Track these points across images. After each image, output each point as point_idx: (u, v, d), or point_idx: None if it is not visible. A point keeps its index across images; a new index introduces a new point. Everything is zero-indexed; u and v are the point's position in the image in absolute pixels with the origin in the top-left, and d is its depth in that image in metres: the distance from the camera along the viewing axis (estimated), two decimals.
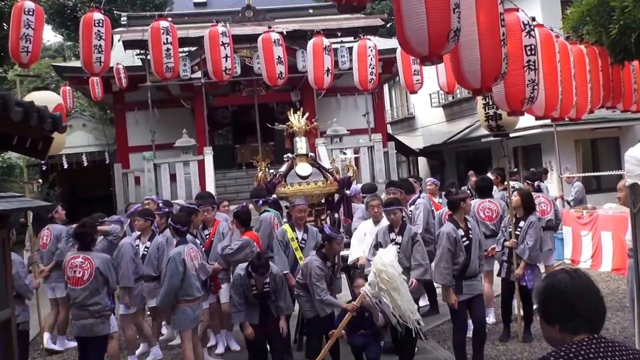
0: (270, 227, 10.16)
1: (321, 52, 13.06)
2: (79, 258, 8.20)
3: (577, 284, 2.93)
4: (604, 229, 14.61)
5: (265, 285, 8.41)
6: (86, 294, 8.09)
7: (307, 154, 11.25)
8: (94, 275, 8.10)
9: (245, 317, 8.55)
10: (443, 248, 8.35)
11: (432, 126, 32.85)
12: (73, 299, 8.20)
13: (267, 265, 8.33)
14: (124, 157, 26.03)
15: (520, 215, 9.96)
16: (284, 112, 16.38)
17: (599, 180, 23.29)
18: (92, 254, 8.32)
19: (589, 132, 23.73)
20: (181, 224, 8.89)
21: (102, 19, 10.64)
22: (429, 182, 13.64)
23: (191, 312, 8.58)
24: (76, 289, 8.13)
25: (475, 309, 8.74)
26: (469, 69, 5.72)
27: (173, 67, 11.75)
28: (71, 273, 8.15)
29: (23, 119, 4.50)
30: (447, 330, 10.57)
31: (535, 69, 6.74)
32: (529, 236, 9.70)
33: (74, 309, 8.26)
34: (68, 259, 8.31)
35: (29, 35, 9.81)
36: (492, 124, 9.56)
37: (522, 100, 6.77)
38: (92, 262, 8.14)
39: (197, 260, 8.76)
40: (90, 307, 8.10)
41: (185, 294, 8.47)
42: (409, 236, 8.86)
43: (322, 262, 8.50)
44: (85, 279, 8.09)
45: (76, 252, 8.37)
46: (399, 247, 8.77)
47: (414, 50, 5.04)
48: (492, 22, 5.66)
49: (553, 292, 2.94)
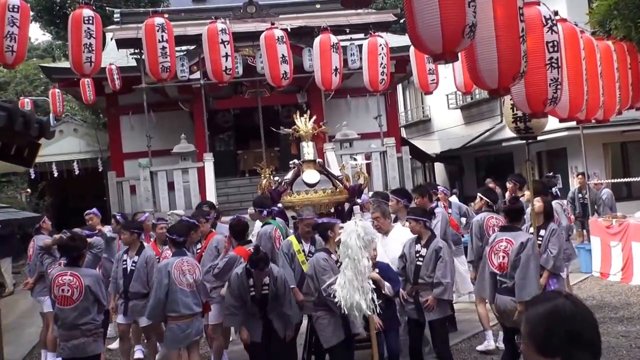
0: (272, 241, 10.00)
1: (329, 50, 13.04)
2: (66, 275, 8.10)
3: (582, 311, 2.72)
4: (635, 239, 14.51)
5: (264, 287, 8.32)
6: (76, 314, 8.01)
7: (315, 160, 11.25)
8: (84, 293, 8.02)
9: (241, 322, 8.52)
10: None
11: (450, 129, 32.84)
12: (62, 319, 8.08)
13: (267, 260, 8.27)
14: (118, 164, 26.08)
15: (540, 224, 9.90)
16: (289, 115, 16.38)
17: (630, 186, 23.24)
18: (81, 271, 8.25)
19: (618, 134, 23.66)
20: (177, 234, 8.90)
21: (92, 16, 10.64)
22: (439, 190, 13.67)
23: (178, 330, 8.57)
24: (65, 309, 8.05)
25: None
26: (486, 67, 5.70)
27: (169, 67, 11.75)
28: (59, 292, 8.04)
29: (7, 124, 4.52)
30: (466, 349, 10.58)
31: (558, 67, 6.71)
32: (552, 244, 9.66)
33: (63, 329, 8.12)
34: (54, 275, 8.18)
35: (14, 34, 9.81)
36: (520, 126, 9.43)
37: (544, 101, 6.74)
38: (81, 280, 8.04)
39: (191, 275, 8.70)
40: (82, 326, 8.03)
41: (171, 310, 8.49)
42: (433, 249, 8.81)
43: (328, 256, 8.44)
44: (74, 298, 8.00)
45: (63, 269, 8.29)
46: (422, 260, 8.77)
47: (427, 47, 5.04)
48: (510, 16, 5.64)
49: (556, 320, 2.69)
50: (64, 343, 8.16)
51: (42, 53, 48.84)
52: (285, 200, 10.87)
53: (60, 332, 8.20)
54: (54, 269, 8.61)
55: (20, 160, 5.22)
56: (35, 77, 39.26)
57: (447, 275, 8.71)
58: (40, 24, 36.63)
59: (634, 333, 10.67)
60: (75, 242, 8.44)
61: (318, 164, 11.29)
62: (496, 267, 8.19)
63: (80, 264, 8.43)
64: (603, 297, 13.36)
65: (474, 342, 10.92)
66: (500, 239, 8.20)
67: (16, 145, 5.21)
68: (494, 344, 10.37)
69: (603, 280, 15.07)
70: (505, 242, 8.09)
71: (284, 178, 11.49)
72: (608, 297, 13.31)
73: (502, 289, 7.89)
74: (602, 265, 15.65)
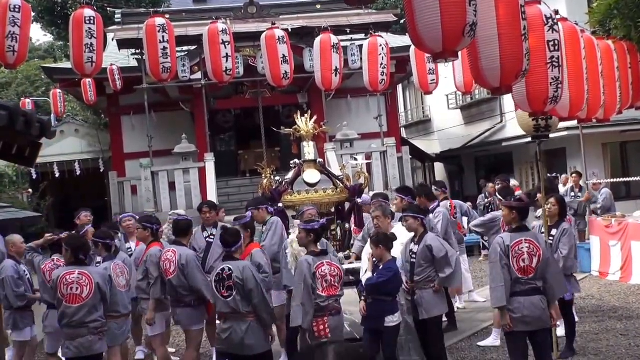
0: (282, 231, 10.21)
1: (329, 50, 13.03)
2: (74, 274, 8.13)
3: None
4: (634, 239, 14.49)
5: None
6: (85, 312, 8.05)
7: (316, 160, 11.21)
8: (94, 291, 8.09)
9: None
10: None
11: (450, 129, 32.79)
12: (69, 318, 8.07)
13: (238, 235, 8.20)
14: (120, 164, 26.04)
15: (552, 223, 9.74)
16: (290, 116, 16.39)
17: (629, 186, 23.20)
18: (90, 269, 8.34)
19: (617, 134, 23.64)
20: (109, 238, 9.22)
21: (94, 16, 10.62)
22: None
23: (117, 328, 8.87)
24: (72, 307, 8.05)
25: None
26: (488, 66, 5.69)
27: (170, 67, 11.74)
28: (67, 290, 8.05)
29: (8, 123, 4.49)
30: (466, 348, 10.55)
31: (559, 66, 6.70)
32: (563, 244, 9.47)
33: (69, 328, 8.12)
34: (61, 274, 8.16)
35: (15, 34, 9.78)
36: (542, 123, 9.29)
37: (545, 100, 6.73)
38: (91, 278, 8.12)
39: (124, 276, 9.07)
40: (90, 324, 8.08)
41: (112, 310, 8.65)
42: (424, 245, 8.76)
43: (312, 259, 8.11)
44: (84, 296, 8.05)
45: (69, 268, 8.27)
46: (415, 257, 8.78)
47: (427, 46, 5.02)
48: (512, 15, 5.64)
49: None
50: (69, 342, 8.14)
51: (43, 54, 48.85)
52: (286, 199, 10.84)
53: (65, 331, 8.20)
54: (59, 269, 8.56)
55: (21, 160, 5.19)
56: (37, 77, 39.25)
57: (450, 265, 8.69)
58: (42, 24, 36.64)
59: (633, 332, 10.66)
60: (82, 241, 8.64)
61: (319, 164, 11.25)
62: (519, 270, 7.49)
63: (88, 262, 8.55)
64: (602, 297, 13.33)
65: (474, 340, 10.89)
66: (519, 241, 7.60)
67: (17, 144, 5.16)
68: (499, 342, 10.35)
69: (602, 280, 15.05)
70: (527, 243, 7.56)
71: (284, 178, 11.46)
72: (607, 297, 13.28)
73: (528, 290, 7.65)
74: (601, 265, 15.63)
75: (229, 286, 7.65)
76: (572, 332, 9.89)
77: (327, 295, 7.82)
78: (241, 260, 8.02)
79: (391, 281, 8.27)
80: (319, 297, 7.77)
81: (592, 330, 10.96)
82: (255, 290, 7.64)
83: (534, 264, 7.46)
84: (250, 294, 7.61)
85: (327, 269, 7.87)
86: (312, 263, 7.85)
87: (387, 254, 8.39)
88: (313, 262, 7.86)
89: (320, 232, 8.27)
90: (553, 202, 9.78)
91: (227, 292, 7.67)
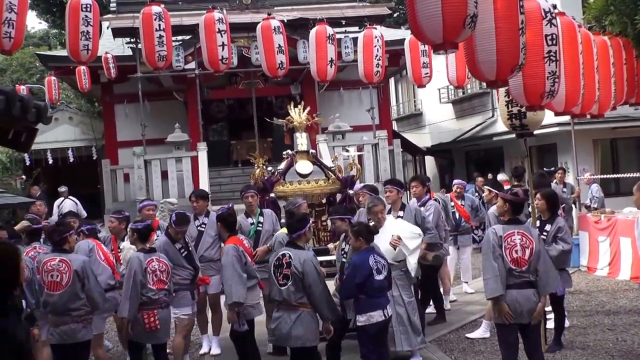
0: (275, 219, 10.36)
1: (324, 41, 12.96)
2: (55, 260, 8.06)
3: None
4: (623, 235, 14.46)
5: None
6: (65, 299, 7.98)
7: (308, 151, 11.19)
8: (72, 278, 7.98)
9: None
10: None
11: (441, 123, 32.82)
12: (52, 305, 8.04)
13: (304, 221, 8.10)
14: (113, 152, 25.94)
15: (546, 218, 9.66)
16: (283, 107, 16.34)
17: (618, 182, 23.22)
18: (70, 256, 8.21)
19: (608, 131, 23.65)
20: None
21: (90, 4, 10.54)
22: (457, 184, 14.40)
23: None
24: (54, 294, 7.99)
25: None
26: (484, 58, 5.66)
27: (166, 55, 11.65)
28: (48, 277, 8.01)
29: (4, 108, 4.43)
30: (454, 340, 10.56)
31: (557, 61, 6.68)
32: (563, 240, 9.40)
33: (53, 315, 8.09)
34: (43, 261, 8.14)
35: (12, 20, 9.68)
36: (516, 123, 9.30)
37: (542, 94, 6.70)
38: (69, 265, 8.02)
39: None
40: (73, 312, 8.00)
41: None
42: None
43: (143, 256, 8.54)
44: (63, 283, 7.96)
45: (51, 254, 8.23)
46: (345, 255, 8.78)
47: (427, 37, 4.99)
48: (510, 8, 5.61)
49: None
50: (53, 328, 8.11)
51: (38, 41, 48.64)
52: (278, 190, 10.81)
53: (50, 317, 8.15)
54: (41, 255, 8.51)
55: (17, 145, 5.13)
56: (31, 65, 39.12)
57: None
58: (37, 12, 36.52)
59: (620, 327, 10.68)
60: (58, 227, 8.53)
61: (311, 155, 11.24)
62: (512, 261, 7.45)
63: (67, 248, 8.36)
64: (590, 291, 13.35)
65: (461, 333, 10.89)
66: (511, 232, 7.59)
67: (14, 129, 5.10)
68: (489, 334, 10.32)
69: (590, 275, 15.05)
70: (519, 235, 7.54)
71: (277, 168, 11.43)
72: (595, 292, 13.30)
73: (522, 283, 7.60)
74: (589, 260, 15.63)
75: (285, 274, 7.52)
76: (561, 326, 9.90)
77: (157, 289, 8.35)
78: (303, 250, 7.82)
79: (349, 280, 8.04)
80: (150, 290, 8.29)
81: (580, 324, 10.98)
82: (314, 286, 7.49)
83: (526, 256, 7.43)
84: (309, 289, 7.47)
85: (157, 264, 8.43)
86: (142, 259, 8.36)
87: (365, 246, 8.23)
88: (144, 258, 8.39)
89: (145, 232, 8.74)
90: (539, 197, 9.73)
91: (282, 280, 7.54)
